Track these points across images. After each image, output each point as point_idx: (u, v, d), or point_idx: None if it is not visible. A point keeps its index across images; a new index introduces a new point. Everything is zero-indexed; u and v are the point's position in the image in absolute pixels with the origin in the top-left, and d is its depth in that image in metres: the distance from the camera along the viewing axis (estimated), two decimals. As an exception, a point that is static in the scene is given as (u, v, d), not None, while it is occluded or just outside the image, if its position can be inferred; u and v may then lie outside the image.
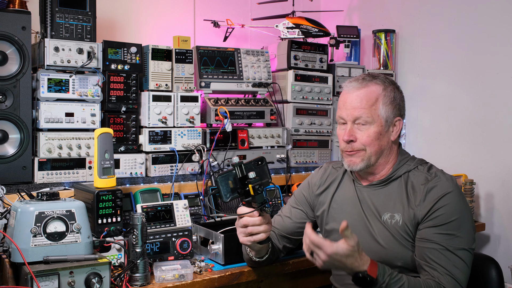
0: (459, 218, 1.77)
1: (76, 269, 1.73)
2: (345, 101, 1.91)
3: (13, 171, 2.35)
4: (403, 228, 1.82)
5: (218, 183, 1.77)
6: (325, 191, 2.08)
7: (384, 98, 1.88)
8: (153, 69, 2.70)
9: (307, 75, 3.25)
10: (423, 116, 3.48)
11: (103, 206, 2.10)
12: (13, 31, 2.34)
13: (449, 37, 3.33)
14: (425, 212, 1.79)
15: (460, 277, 1.73)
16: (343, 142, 1.90)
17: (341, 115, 1.92)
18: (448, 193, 1.79)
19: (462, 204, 1.80)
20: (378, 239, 1.87)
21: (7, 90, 2.34)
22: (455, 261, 1.73)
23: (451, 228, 1.75)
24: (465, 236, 1.76)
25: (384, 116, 1.88)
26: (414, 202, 1.82)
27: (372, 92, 1.88)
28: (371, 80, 1.91)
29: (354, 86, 1.91)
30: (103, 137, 2.19)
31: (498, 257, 2.45)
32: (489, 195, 3.12)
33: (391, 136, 1.92)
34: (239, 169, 1.79)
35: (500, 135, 3.06)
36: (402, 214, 1.83)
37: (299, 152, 3.20)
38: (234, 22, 3.33)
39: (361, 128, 1.87)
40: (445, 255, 1.73)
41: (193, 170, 2.77)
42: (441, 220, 1.76)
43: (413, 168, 1.91)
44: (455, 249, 1.74)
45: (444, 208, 1.77)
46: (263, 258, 2.00)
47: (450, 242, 1.74)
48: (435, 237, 1.76)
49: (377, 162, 1.90)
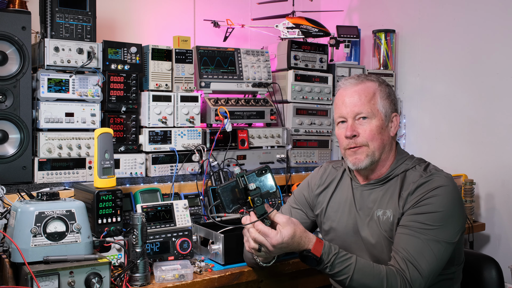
0: (443, 212, 1.74)
1: (76, 269, 1.72)
2: (344, 99, 1.92)
3: (13, 171, 2.35)
4: (393, 224, 1.82)
5: (220, 195, 1.78)
6: (324, 191, 2.08)
7: (380, 93, 1.90)
8: (153, 69, 2.70)
9: (307, 75, 3.25)
10: (423, 116, 3.48)
11: (103, 206, 2.10)
12: (13, 31, 2.34)
13: (449, 37, 3.33)
14: (412, 203, 1.78)
15: (424, 267, 1.68)
16: (346, 139, 1.89)
17: (341, 113, 1.92)
18: (441, 186, 1.78)
19: (452, 200, 1.77)
20: (369, 237, 1.87)
21: (7, 90, 2.34)
22: (423, 250, 1.70)
23: (430, 219, 1.73)
24: (445, 230, 1.73)
25: (383, 110, 1.89)
26: (404, 198, 1.82)
27: (369, 87, 1.90)
28: (365, 78, 1.94)
29: (351, 82, 1.93)
30: (103, 137, 2.19)
31: (498, 257, 2.44)
32: (489, 195, 3.12)
33: (391, 131, 1.93)
34: (241, 180, 1.79)
35: (500, 135, 3.06)
36: (393, 210, 1.83)
37: (299, 152, 3.20)
38: (234, 22, 3.33)
39: (362, 123, 1.87)
40: (414, 242, 1.71)
41: (193, 170, 2.77)
42: (424, 210, 1.75)
43: (411, 168, 1.90)
44: (428, 240, 1.71)
45: (432, 199, 1.76)
46: (270, 263, 1.95)
47: (425, 231, 1.72)
48: (411, 224, 1.74)
49: (380, 158, 1.90)
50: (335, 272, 1.71)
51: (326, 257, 1.71)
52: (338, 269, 1.70)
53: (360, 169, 1.92)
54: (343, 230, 1.96)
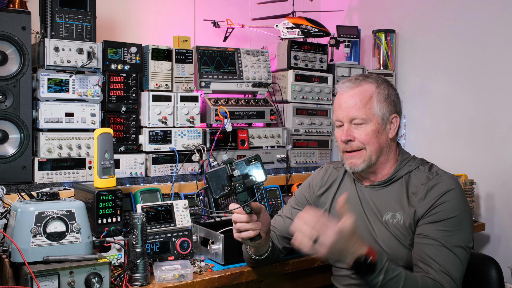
0: (458, 215, 1.76)
1: (76, 269, 1.72)
2: (340, 103, 1.92)
3: (13, 171, 2.35)
4: (404, 227, 1.82)
5: (208, 179, 1.80)
6: (326, 192, 2.07)
7: (378, 95, 1.89)
8: (153, 69, 2.70)
9: (307, 75, 3.25)
10: (423, 116, 3.48)
11: (103, 206, 2.10)
12: (13, 31, 2.34)
13: (449, 37, 3.33)
14: (426, 209, 1.79)
15: (455, 275, 1.71)
16: (342, 143, 1.91)
17: (338, 117, 1.93)
18: (450, 190, 1.79)
19: (463, 202, 1.80)
20: (379, 240, 1.86)
21: (7, 90, 2.34)
22: (451, 259, 1.72)
23: (449, 224, 1.75)
24: (463, 234, 1.76)
25: (380, 114, 1.88)
26: (415, 201, 1.82)
27: (365, 90, 1.89)
28: (363, 79, 1.92)
29: (348, 86, 1.92)
30: (103, 137, 2.19)
31: (498, 257, 2.44)
32: (489, 195, 3.12)
33: (389, 133, 1.92)
34: (228, 167, 1.80)
35: (500, 135, 3.06)
36: (403, 213, 1.83)
37: (299, 152, 3.20)
38: (234, 22, 3.33)
39: (358, 128, 1.88)
40: (442, 252, 1.73)
41: (193, 170, 2.77)
42: (441, 216, 1.76)
43: (415, 168, 1.90)
44: (452, 246, 1.73)
45: (445, 205, 1.77)
46: (262, 256, 1.98)
47: (448, 239, 1.73)
48: (433, 233, 1.75)
49: (378, 161, 1.90)
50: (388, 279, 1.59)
51: (380, 263, 1.58)
52: (391, 276, 1.59)
53: (359, 172, 1.92)
54: None
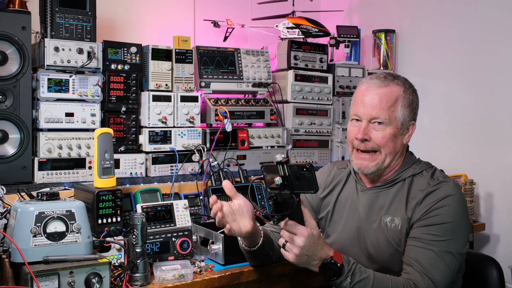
0: (454, 222, 1.72)
1: (76, 269, 1.72)
2: (364, 99, 1.84)
3: (13, 171, 2.35)
4: (401, 232, 1.79)
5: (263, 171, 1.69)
6: (330, 194, 2.04)
7: (403, 100, 1.84)
8: (153, 69, 2.70)
9: (307, 75, 3.25)
10: (423, 116, 3.47)
11: (103, 206, 2.10)
12: (13, 31, 2.34)
13: (449, 37, 3.33)
14: (421, 214, 1.76)
15: (438, 279, 1.66)
16: (355, 139, 1.84)
17: (357, 113, 1.85)
18: (449, 196, 1.75)
19: (460, 209, 1.76)
20: (374, 243, 1.84)
21: (7, 90, 2.34)
22: (436, 263, 1.68)
23: (442, 230, 1.71)
24: (455, 241, 1.71)
25: (401, 118, 1.83)
26: (412, 206, 1.78)
27: (392, 92, 1.83)
28: (392, 80, 1.85)
29: (376, 83, 1.84)
30: (103, 137, 2.19)
31: (498, 257, 2.44)
32: (489, 195, 3.12)
33: (404, 139, 1.87)
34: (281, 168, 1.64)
35: (500, 135, 3.06)
36: (401, 218, 1.80)
37: (299, 152, 3.20)
38: (234, 22, 3.33)
39: (376, 128, 1.82)
40: (427, 255, 1.69)
41: (193, 170, 2.77)
42: (434, 221, 1.73)
43: (419, 173, 1.86)
44: (441, 251, 1.69)
45: (441, 210, 1.73)
46: (255, 247, 1.89)
47: (437, 243, 1.70)
48: (423, 236, 1.72)
49: (389, 165, 1.85)
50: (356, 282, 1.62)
51: (347, 265, 1.62)
52: (358, 279, 1.62)
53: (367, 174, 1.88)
54: (347, 235, 1.93)
